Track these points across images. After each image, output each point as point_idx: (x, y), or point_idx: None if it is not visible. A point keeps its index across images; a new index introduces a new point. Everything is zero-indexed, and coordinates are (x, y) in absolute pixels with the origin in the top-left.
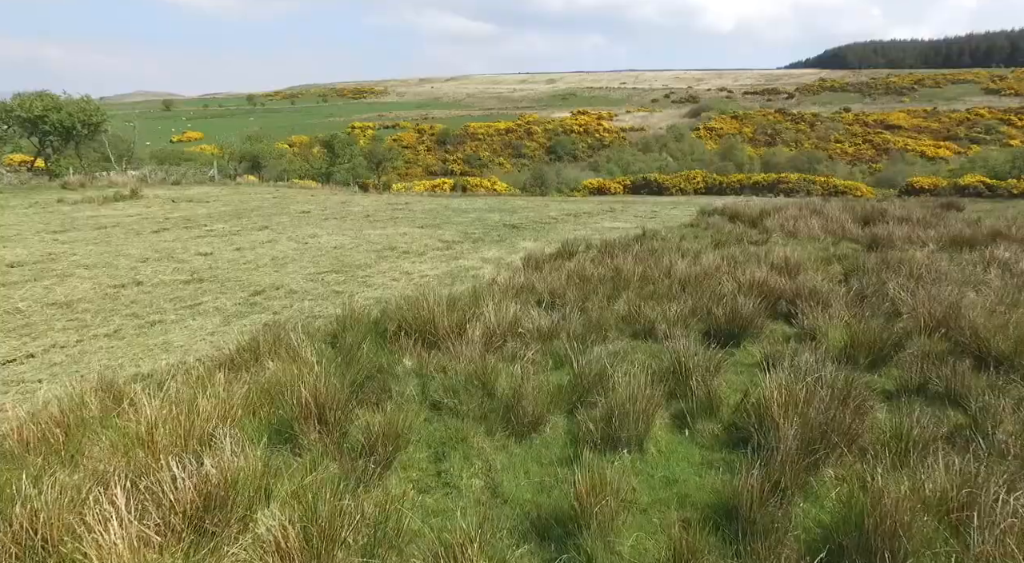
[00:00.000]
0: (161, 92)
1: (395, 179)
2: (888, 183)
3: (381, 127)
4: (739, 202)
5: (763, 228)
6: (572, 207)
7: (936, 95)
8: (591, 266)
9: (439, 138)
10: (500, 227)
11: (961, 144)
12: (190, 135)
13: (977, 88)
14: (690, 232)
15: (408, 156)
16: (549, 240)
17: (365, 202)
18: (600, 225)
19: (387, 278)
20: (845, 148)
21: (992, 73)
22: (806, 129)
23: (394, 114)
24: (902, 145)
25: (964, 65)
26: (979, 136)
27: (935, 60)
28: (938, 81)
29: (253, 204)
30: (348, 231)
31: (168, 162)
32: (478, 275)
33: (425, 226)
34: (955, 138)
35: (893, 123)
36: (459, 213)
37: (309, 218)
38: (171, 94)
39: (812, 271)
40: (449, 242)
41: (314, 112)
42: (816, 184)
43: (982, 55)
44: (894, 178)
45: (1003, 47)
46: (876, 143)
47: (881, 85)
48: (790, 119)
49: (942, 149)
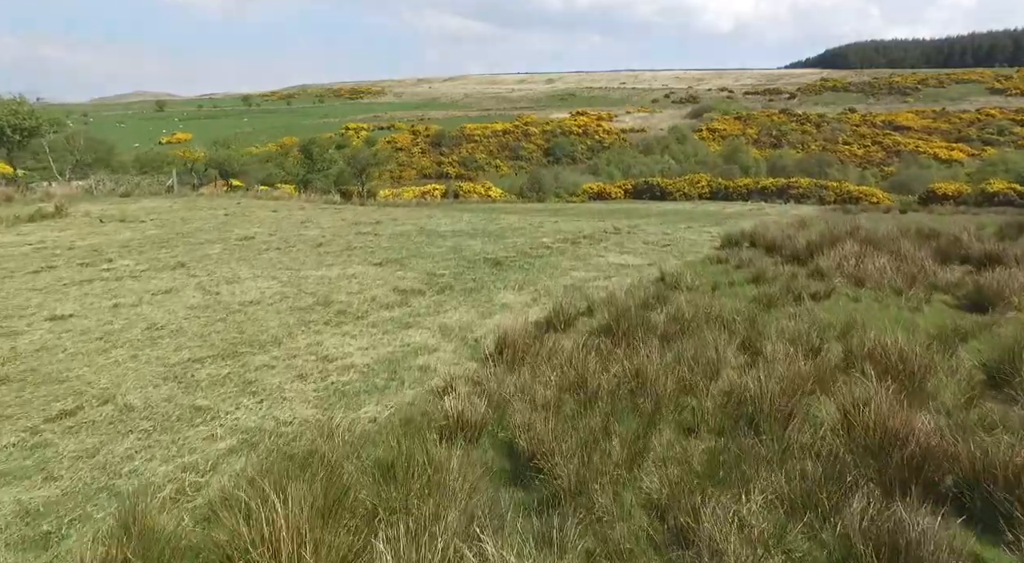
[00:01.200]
0: (160, 92)
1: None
2: (904, 188)
3: (376, 128)
4: (768, 223)
5: (816, 269)
6: (570, 227)
7: (940, 95)
8: (595, 359)
9: (434, 140)
10: (478, 264)
11: (974, 146)
12: (180, 136)
13: (981, 88)
14: (721, 275)
15: (402, 159)
16: (538, 290)
17: (328, 222)
18: (604, 259)
19: (289, 376)
20: (854, 150)
21: (997, 73)
22: (812, 130)
23: (390, 115)
24: (913, 147)
25: (967, 65)
26: (992, 137)
27: (937, 59)
28: (942, 81)
29: (194, 225)
30: (284, 271)
31: (150, 165)
32: (427, 366)
33: (385, 262)
34: (967, 140)
35: (902, 124)
36: (434, 238)
37: (247, 248)
38: (170, 94)
39: (944, 375)
40: (406, 292)
41: (310, 113)
42: (828, 190)
43: (984, 54)
44: (909, 183)
45: (1006, 46)
46: (886, 145)
47: (884, 85)
48: (795, 120)
49: (955, 151)
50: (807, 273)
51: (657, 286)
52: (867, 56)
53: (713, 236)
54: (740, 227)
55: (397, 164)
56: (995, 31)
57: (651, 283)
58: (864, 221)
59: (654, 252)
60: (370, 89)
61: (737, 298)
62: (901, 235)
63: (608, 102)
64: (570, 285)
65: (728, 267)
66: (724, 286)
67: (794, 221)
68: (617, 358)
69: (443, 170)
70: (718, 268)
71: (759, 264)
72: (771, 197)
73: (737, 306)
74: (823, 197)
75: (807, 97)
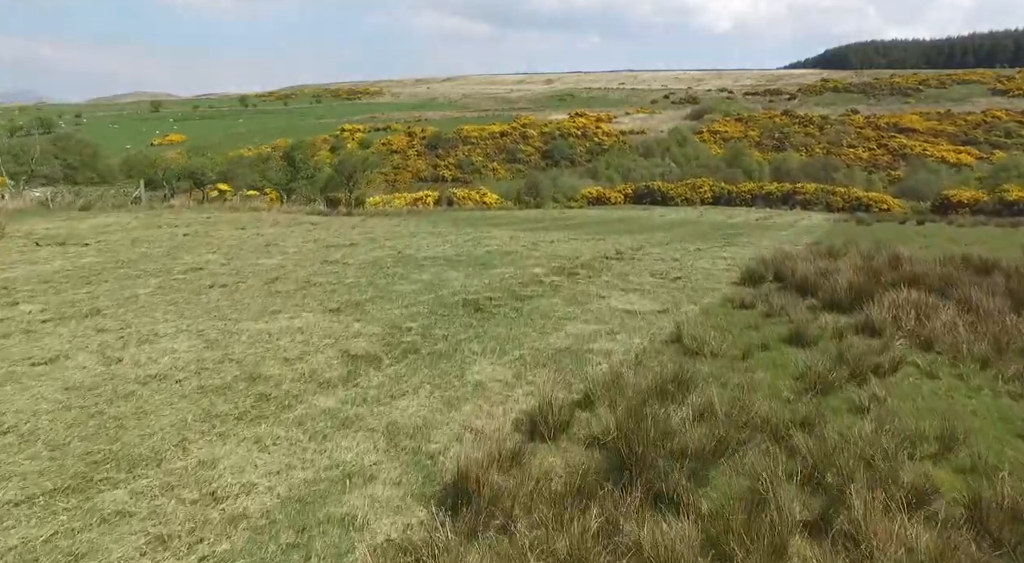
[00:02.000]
0: (159, 92)
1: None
2: (913, 194)
3: (372, 129)
4: (788, 249)
5: (866, 323)
6: (567, 250)
7: (942, 96)
8: (596, 518)
9: (430, 142)
10: (455, 310)
11: (982, 149)
12: (173, 138)
13: (983, 88)
14: (750, 330)
15: (397, 161)
16: (524, 356)
17: (295, 244)
18: (606, 302)
19: (143, 542)
20: (859, 153)
21: (999, 73)
22: (815, 132)
23: (387, 116)
24: (920, 150)
25: (968, 65)
26: (1000, 140)
27: (938, 60)
28: (943, 81)
29: (142, 250)
30: (218, 322)
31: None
32: (352, 519)
33: (344, 307)
34: (974, 142)
35: (907, 126)
36: (410, 269)
37: (187, 286)
38: (169, 94)
39: None
40: (358, 360)
41: (306, 113)
42: (836, 195)
43: (985, 55)
44: (919, 188)
45: (1007, 47)
46: (892, 148)
47: (885, 85)
48: (797, 122)
49: (963, 154)
50: (854, 326)
51: (674, 352)
52: (867, 56)
53: (728, 264)
54: (758, 253)
55: (392, 167)
56: (996, 31)
57: (665, 344)
58: (882, 233)
59: (664, 290)
60: (368, 89)
61: (778, 372)
62: (952, 267)
63: (607, 103)
64: (565, 348)
65: (756, 316)
66: (756, 349)
67: (817, 247)
68: (629, 513)
69: (439, 173)
70: (743, 316)
71: (793, 312)
72: (776, 203)
73: (782, 389)
74: (830, 203)
75: (808, 98)
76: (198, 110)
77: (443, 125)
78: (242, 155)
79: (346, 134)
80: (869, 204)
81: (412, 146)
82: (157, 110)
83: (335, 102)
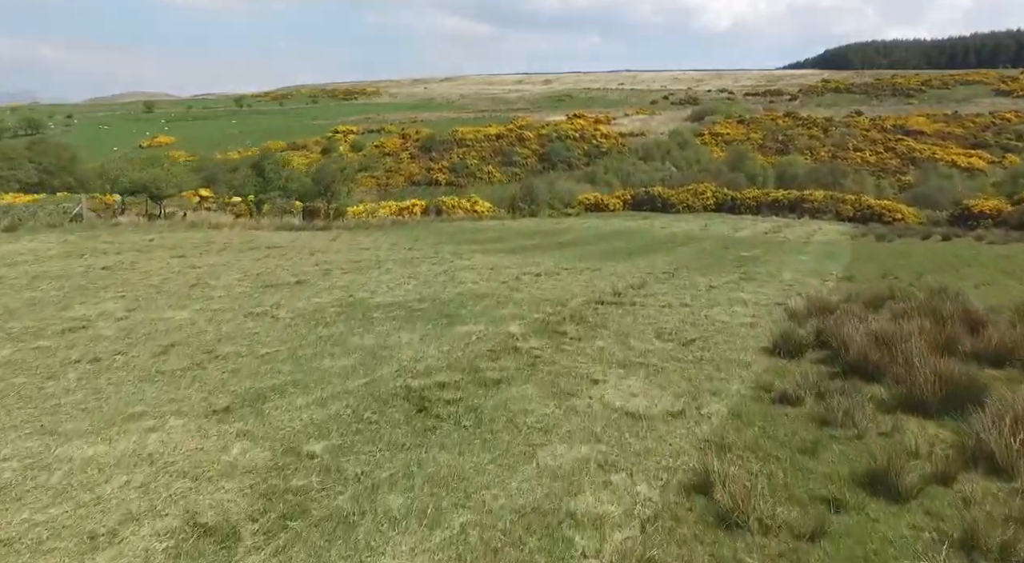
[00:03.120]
0: (157, 92)
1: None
2: (927, 201)
3: (366, 131)
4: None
5: (983, 450)
6: (555, 290)
7: (945, 97)
8: None
9: (424, 144)
10: (390, 411)
11: (993, 152)
12: (162, 140)
13: (987, 89)
14: (806, 457)
15: (389, 164)
16: (466, 539)
17: (227, 283)
18: (600, 393)
19: None
20: (866, 157)
21: (1002, 74)
22: (819, 135)
23: (383, 116)
24: (929, 154)
25: (970, 65)
26: (1011, 143)
27: (939, 60)
28: (945, 82)
29: (33, 293)
30: (38, 438)
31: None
32: None
33: (234, 405)
34: (985, 145)
35: (913, 128)
36: (353, 328)
37: (53, 354)
38: (167, 94)
39: None
40: (201, 541)
41: (301, 114)
42: (846, 204)
43: (987, 55)
44: (933, 195)
45: (1009, 47)
46: (899, 151)
47: (887, 86)
48: (801, 124)
49: (974, 158)
50: (959, 450)
51: (700, 516)
52: (868, 56)
53: (751, 314)
54: (782, 292)
55: (385, 170)
56: (997, 32)
57: (686, 495)
58: (912, 255)
59: (676, 367)
60: (364, 90)
61: None
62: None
63: (606, 103)
64: (532, 510)
65: (807, 423)
66: (827, 509)
67: (853, 286)
68: None
69: (433, 176)
70: (789, 425)
71: (860, 417)
72: (783, 211)
73: None
74: (840, 212)
75: (809, 98)
76: (191, 111)
77: (439, 126)
78: (231, 157)
79: (339, 136)
80: (882, 213)
81: (406, 148)
82: (150, 111)
83: (331, 102)
